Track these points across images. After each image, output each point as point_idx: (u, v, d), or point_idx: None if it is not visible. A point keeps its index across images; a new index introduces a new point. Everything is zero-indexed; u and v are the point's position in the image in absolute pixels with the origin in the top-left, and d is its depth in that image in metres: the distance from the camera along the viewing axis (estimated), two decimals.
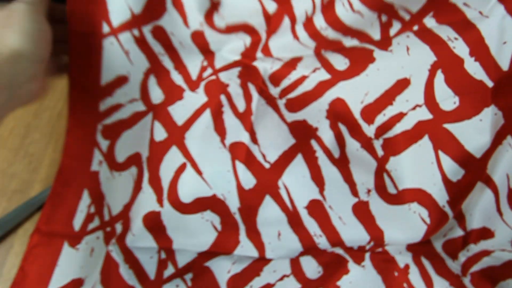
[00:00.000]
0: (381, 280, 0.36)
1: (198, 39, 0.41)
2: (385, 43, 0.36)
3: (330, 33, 0.39)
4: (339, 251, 0.37)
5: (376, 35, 0.37)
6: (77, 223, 0.39)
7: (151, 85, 0.41)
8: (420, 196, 0.35)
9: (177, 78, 0.41)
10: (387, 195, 0.36)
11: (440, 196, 0.34)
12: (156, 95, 0.41)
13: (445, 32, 0.33)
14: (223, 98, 0.40)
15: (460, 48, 0.33)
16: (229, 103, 0.40)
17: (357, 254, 0.37)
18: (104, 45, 0.39)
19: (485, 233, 0.36)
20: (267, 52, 0.41)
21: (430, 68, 0.34)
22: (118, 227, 0.38)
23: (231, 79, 0.40)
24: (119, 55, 0.40)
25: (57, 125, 0.48)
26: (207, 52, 0.42)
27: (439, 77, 0.34)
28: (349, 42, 0.38)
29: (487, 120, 0.32)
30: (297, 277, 0.37)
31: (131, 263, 0.37)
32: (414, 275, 0.36)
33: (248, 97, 0.40)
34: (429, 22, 0.35)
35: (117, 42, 0.39)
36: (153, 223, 0.37)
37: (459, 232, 0.36)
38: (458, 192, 0.34)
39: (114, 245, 0.37)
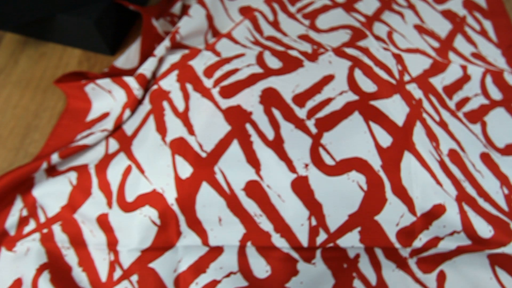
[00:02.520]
0: (331, 275, 0.37)
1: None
2: (313, 57, 0.46)
3: (274, 45, 0.50)
4: (288, 250, 0.38)
5: (309, 51, 0.48)
6: (11, 227, 0.41)
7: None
8: (357, 163, 0.38)
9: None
10: (326, 167, 0.38)
11: (374, 161, 0.38)
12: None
13: (354, 52, 0.46)
14: (165, 103, 0.43)
15: (366, 60, 0.45)
16: (170, 106, 0.43)
17: (308, 252, 0.38)
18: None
19: (437, 211, 0.38)
20: (211, 48, 0.48)
21: (348, 68, 0.43)
22: (56, 229, 0.41)
23: (171, 85, 0.45)
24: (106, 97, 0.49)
25: None
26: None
27: (358, 72, 0.43)
28: (289, 51, 0.48)
29: (398, 102, 0.42)
30: (244, 275, 0.37)
31: (85, 266, 0.39)
32: (364, 263, 0.38)
33: (186, 97, 0.43)
34: (343, 49, 0.48)
35: (96, 85, 0.48)
36: (104, 224, 0.40)
37: (411, 219, 0.38)
38: (389, 157, 0.38)
39: (69, 249, 0.40)
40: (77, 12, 0.49)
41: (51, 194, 0.42)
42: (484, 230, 0.37)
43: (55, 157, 0.41)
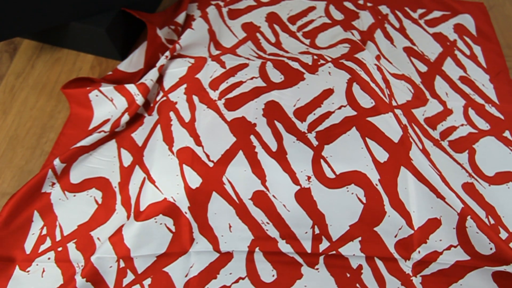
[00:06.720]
0: (334, 282, 0.39)
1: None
2: (313, 69, 0.47)
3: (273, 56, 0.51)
4: (293, 255, 0.40)
5: (309, 62, 0.49)
6: (29, 245, 0.41)
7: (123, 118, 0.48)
8: (356, 177, 0.40)
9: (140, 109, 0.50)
10: (327, 180, 0.40)
11: (373, 175, 0.40)
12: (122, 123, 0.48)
13: (353, 65, 0.47)
14: (171, 114, 0.46)
15: (363, 75, 0.47)
16: (177, 116, 0.45)
17: (312, 258, 0.40)
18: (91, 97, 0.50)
19: (433, 225, 0.39)
20: (216, 58, 0.50)
21: (347, 81, 0.45)
22: (71, 246, 0.41)
23: (179, 97, 0.47)
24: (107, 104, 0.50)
25: None
26: (159, 78, 0.50)
27: (356, 86, 0.44)
28: (291, 62, 0.49)
29: (393, 118, 0.43)
30: (252, 280, 0.39)
31: (88, 276, 0.38)
32: (367, 275, 0.39)
33: (192, 108, 0.45)
34: (342, 61, 0.49)
35: (99, 92, 0.50)
36: (115, 235, 0.40)
37: (409, 231, 0.39)
38: (386, 172, 0.40)
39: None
40: (90, 21, 0.52)
41: (72, 212, 0.43)
42: (484, 246, 0.38)
43: (57, 162, 0.43)
